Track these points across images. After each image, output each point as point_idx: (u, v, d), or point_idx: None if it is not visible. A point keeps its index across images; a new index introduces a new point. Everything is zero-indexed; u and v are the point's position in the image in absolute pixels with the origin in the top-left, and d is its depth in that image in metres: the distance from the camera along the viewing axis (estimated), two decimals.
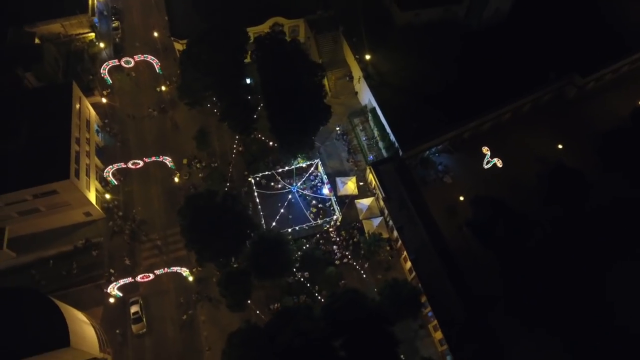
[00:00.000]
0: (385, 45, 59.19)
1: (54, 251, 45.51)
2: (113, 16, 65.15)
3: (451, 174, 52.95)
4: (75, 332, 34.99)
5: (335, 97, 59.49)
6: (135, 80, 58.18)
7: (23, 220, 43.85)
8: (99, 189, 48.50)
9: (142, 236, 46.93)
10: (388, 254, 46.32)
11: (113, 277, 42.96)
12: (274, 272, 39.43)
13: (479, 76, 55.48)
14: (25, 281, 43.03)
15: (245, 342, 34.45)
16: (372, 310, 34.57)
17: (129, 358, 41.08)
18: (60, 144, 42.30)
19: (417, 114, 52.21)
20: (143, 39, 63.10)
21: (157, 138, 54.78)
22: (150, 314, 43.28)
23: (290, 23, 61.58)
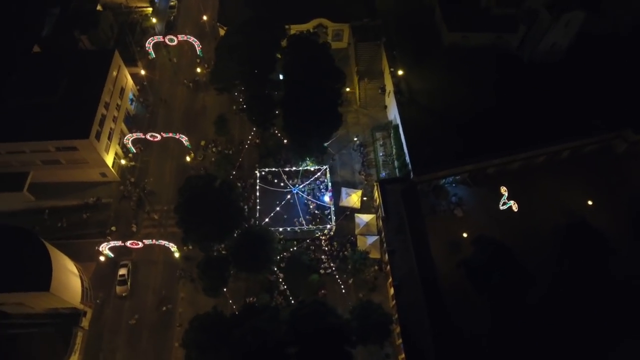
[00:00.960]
0: (425, 63, 58.11)
1: (68, 202, 49.54)
2: None
3: (464, 207, 51.02)
4: (58, 279, 38.08)
5: (364, 108, 59.37)
6: (176, 57, 61.46)
7: (45, 169, 48.21)
8: (119, 154, 52.09)
9: (147, 205, 49.71)
10: (375, 274, 45.65)
11: (109, 237, 45.99)
12: (251, 267, 40.33)
13: (518, 111, 52.97)
14: (36, 224, 47.23)
15: (205, 327, 35.72)
16: (334, 327, 34.39)
17: (106, 316, 43.89)
18: (88, 106, 45.93)
19: (440, 140, 50.86)
20: (194, 21, 66.57)
21: (184, 116, 57.73)
22: (136, 280, 45.94)
23: (335, 26, 62.20)
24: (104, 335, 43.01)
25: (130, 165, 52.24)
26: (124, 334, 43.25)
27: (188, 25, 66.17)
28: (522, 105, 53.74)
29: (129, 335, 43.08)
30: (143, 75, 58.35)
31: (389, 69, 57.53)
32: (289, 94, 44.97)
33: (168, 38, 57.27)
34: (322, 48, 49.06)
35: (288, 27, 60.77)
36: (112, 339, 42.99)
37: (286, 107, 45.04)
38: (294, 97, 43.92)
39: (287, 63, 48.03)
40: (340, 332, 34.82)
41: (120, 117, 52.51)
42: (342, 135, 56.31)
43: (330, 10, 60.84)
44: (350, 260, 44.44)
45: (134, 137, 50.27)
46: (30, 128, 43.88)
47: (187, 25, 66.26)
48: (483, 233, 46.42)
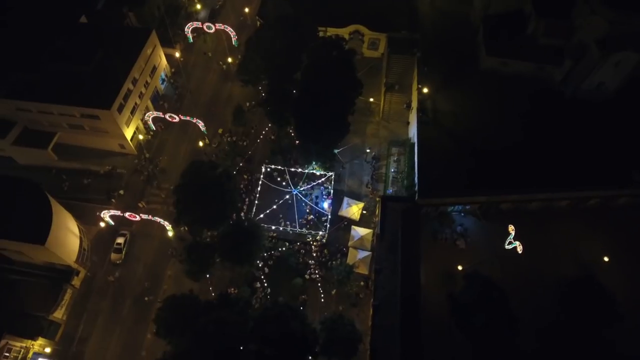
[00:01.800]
0: (456, 84, 56.57)
1: (85, 167, 53.00)
2: None
3: (468, 239, 49.30)
4: (56, 236, 40.90)
5: (386, 120, 58.80)
6: (212, 45, 63.80)
7: (70, 133, 51.89)
8: (140, 129, 54.93)
9: (155, 182, 52.10)
10: (358, 290, 45.19)
11: (113, 200, 48.70)
12: (235, 258, 41.23)
13: (548, 148, 50.22)
14: (52, 182, 50.93)
15: (176, 307, 37.02)
16: (296, 333, 34.51)
17: (97, 278, 46.54)
18: (116, 79, 48.81)
19: (455, 165, 49.36)
20: (238, 12, 68.69)
21: (209, 102, 59.86)
22: (131, 251, 48.35)
23: (372, 35, 61.97)
24: (91, 297, 45.65)
25: (148, 141, 54.79)
26: (110, 299, 45.68)
27: (231, 16, 68.40)
28: (555, 142, 50.92)
29: (113, 302, 45.46)
30: (178, 58, 61.02)
31: (417, 85, 56.59)
32: (302, 95, 45.40)
33: (206, 25, 59.52)
34: (346, 55, 49.08)
35: (324, 29, 61.59)
36: (98, 301, 45.53)
37: (297, 107, 45.51)
38: (306, 99, 44.27)
39: (308, 64, 48.44)
40: (303, 340, 34.80)
41: (147, 95, 55.32)
42: (358, 144, 56.11)
43: (370, 18, 60.63)
44: (335, 271, 44.23)
45: (154, 116, 52.82)
46: (61, 92, 47.31)
47: (230, 15, 68.52)
48: (480, 270, 44.48)
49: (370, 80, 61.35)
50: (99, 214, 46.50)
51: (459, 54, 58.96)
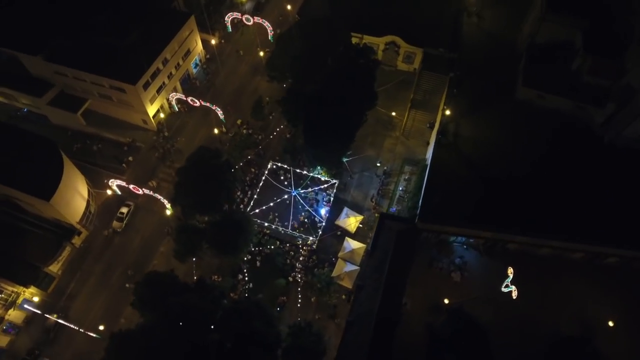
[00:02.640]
0: (485, 111, 54.46)
1: (108, 135, 56.27)
2: None
3: (465, 273, 47.43)
4: (62, 195, 43.85)
5: (405, 137, 57.81)
6: (248, 38, 65.58)
7: (100, 102, 55.35)
8: (165, 108, 57.56)
9: (168, 161, 54.39)
10: (338, 302, 44.83)
11: (124, 165, 51.70)
12: (220, 248, 42.26)
13: (574, 193, 47.09)
14: (75, 144, 54.63)
15: (154, 283, 38.55)
16: (257, 333, 34.87)
17: (96, 242, 49.37)
18: (147, 57, 51.45)
19: (465, 194, 47.57)
20: (281, 8, 70.08)
21: (235, 92, 61.59)
22: (132, 222, 50.83)
23: (408, 48, 61.16)
24: (87, 258, 48.49)
25: (170, 121, 57.30)
26: (103, 263, 48.31)
27: (275, 11, 69.88)
28: (581, 188, 47.80)
29: (106, 267, 48.05)
30: (214, 45, 63.27)
31: (443, 106, 55.17)
32: (314, 98, 45.63)
33: (245, 17, 61.31)
34: (370, 64, 48.80)
35: (361, 36, 61.56)
36: (93, 264, 48.28)
37: (307, 109, 45.81)
38: (318, 102, 44.49)
39: (330, 69, 48.59)
40: (262, 340, 35.09)
41: (177, 76, 57.82)
42: (371, 156, 55.62)
43: (409, 31, 59.80)
44: (317, 278, 44.17)
45: (177, 97, 55.15)
46: (95, 62, 50.54)
47: (274, 10, 70.03)
48: (468, 307, 42.81)
49: (398, 93, 60.80)
50: (106, 182, 49.22)
51: (495, 81, 56.67)
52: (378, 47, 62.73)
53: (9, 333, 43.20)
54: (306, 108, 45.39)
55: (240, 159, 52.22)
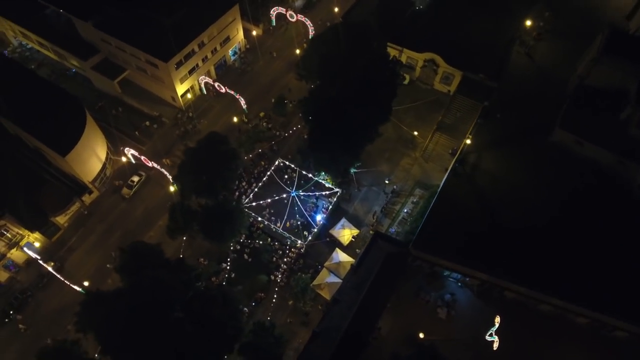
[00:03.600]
0: (513, 148, 52.03)
1: (139, 106, 59.86)
2: None
3: (452, 312, 45.78)
4: (79, 154, 47.39)
5: (424, 159, 56.48)
6: (290, 34, 66.91)
7: (137, 73, 59.00)
8: (195, 89, 60.25)
9: (187, 140, 56.92)
10: (313, 310, 44.84)
11: (144, 146, 54.33)
12: (208, 233, 43.69)
13: (590, 253, 43.98)
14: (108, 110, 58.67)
15: (137, 252, 40.65)
16: (215, 322, 35.76)
17: (104, 203, 52.77)
18: (184, 38, 54.14)
19: (469, 230, 45.87)
20: (329, 10, 70.81)
21: (266, 85, 63.07)
22: (141, 191, 53.77)
23: (447, 69, 59.62)
24: (92, 218, 51.94)
25: (197, 102, 59.92)
26: (105, 225, 51.52)
27: (323, 11, 70.75)
28: (603, 249, 44.44)
29: (107, 229, 51.22)
30: (255, 36, 65.25)
31: (468, 135, 53.32)
32: (326, 104, 45.78)
33: (289, 13, 62.64)
34: (394, 78, 48.25)
35: (400, 49, 60.90)
36: (96, 223, 51.67)
37: (317, 113, 46.08)
38: (329, 108, 44.66)
39: (351, 76, 48.45)
40: (220, 330, 35.94)
41: (212, 61, 60.28)
42: (383, 172, 54.94)
43: (451, 51, 58.22)
44: (294, 282, 44.43)
45: (205, 81, 57.53)
46: (137, 35, 53.86)
47: (322, 11, 70.91)
48: (443, 348, 41.11)
49: (428, 114, 59.53)
50: (122, 149, 52.44)
51: (531, 117, 53.99)
52: (417, 63, 61.75)
53: (9, 270, 47.30)
54: (315, 111, 45.67)
55: (251, 150, 53.45)
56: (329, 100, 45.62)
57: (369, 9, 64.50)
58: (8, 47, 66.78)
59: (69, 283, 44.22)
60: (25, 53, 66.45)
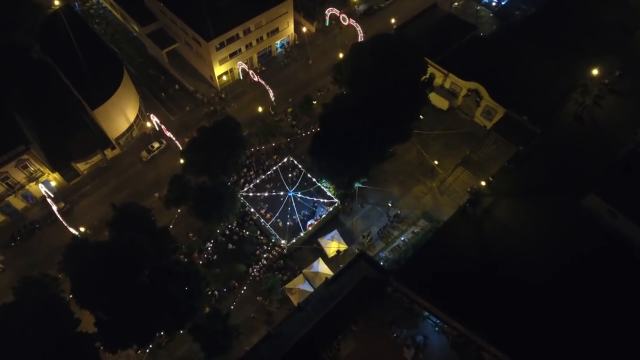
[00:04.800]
0: (536, 201, 48.84)
1: (180, 78, 63.99)
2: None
3: (420, 355, 44.09)
4: (107, 111, 52.08)
5: (440, 192, 54.80)
6: (341, 38, 67.72)
7: (184, 47, 63.13)
8: (234, 73, 63.19)
9: (213, 119, 59.74)
10: (277, 312, 45.51)
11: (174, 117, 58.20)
12: (197, 211, 45.91)
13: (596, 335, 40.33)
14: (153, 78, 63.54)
15: (130, 212, 43.81)
16: (169, 296, 37.67)
17: (122, 161, 57.20)
18: (230, 22, 57.00)
19: (460, 274, 43.92)
20: (387, 20, 70.62)
21: (303, 83, 64.36)
22: (157, 157, 57.54)
23: (491, 103, 57.27)
24: (109, 172, 56.54)
25: (232, 86, 62.81)
26: (119, 181, 55.85)
27: (382, 21, 70.72)
28: (608, 332, 40.53)
29: (118, 185, 55.52)
30: (305, 33, 66.90)
31: (491, 177, 50.87)
32: (339, 113, 45.95)
33: (342, 16, 63.50)
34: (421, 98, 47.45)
35: (446, 72, 59.45)
36: (111, 178, 56.18)
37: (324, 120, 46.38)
38: (339, 118, 44.87)
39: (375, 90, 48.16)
40: (174, 306, 37.81)
41: (256, 48, 62.80)
42: (392, 194, 54.10)
43: (501, 86, 55.82)
44: (264, 280, 45.34)
45: (242, 67, 60.11)
46: (190, 12, 57.48)
47: (382, 20, 70.91)
48: None
49: (459, 144, 57.70)
50: (149, 114, 56.47)
51: (566, 174, 50.06)
52: (460, 90, 59.88)
53: (27, 201, 53.02)
54: (323, 117, 46.12)
55: (267, 142, 55.12)
56: (344, 109, 45.79)
57: (426, 25, 63.34)
58: (87, 2, 74.16)
59: (67, 225, 48.48)
60: (99, 11, 73.54)
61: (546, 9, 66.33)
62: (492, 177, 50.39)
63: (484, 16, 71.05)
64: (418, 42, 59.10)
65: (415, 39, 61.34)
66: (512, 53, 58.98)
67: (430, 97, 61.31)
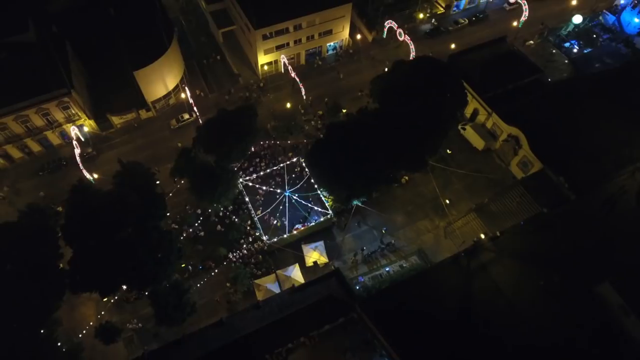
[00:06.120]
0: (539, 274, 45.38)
1: (229, 59, 68.14)
2: (477, 15, 73.23)
3: None
4: (147, 75, 57.25)
5: (445, 233, 53.11)
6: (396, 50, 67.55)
7: (239, 31, 66.98)
8: (278, 65, 65.79)
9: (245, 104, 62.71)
10: (238, 302, 47.23)
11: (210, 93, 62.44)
12: (193, 187, 48.87)
13: None
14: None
15: (134, 170, 47.87)
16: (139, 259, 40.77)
17: (153, 124, 62.20)
18: (283, 14, 59.44)
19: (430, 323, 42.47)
20: (447, 43, 69.12)
21: (345, 89, 65.25)
22: (184, 128, 61.63)
23: (529, 154, 54.23)
24: (138, 131, 61.76)
25: (273, 77, 65.44)
26: (144, 142, 60.79)
27: (442, 45, 69.41)
28: None
29: (143, 144, 60.46)
30: (359, 40, 67.68)
31: (498, 233, 48.12)
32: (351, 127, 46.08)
33: (399, 31, 63.33)
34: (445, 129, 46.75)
35: (490, 112, 57.32)
36: (138, 137, 61.33)
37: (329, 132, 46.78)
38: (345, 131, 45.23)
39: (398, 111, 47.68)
40: (139, 268, 40.89)
41: (305, 46, 64.81)
42: (395, 223, 53.36)
43: (546, 139, 52.94)
44: (234, 267, 47.19)
45: (284, 60, 62.37)
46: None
47: (443, 44, 69.61)
48: None
49: (481, 189, 55.90)
50: (184, 86, 60.72)
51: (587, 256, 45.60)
52: (501, 133, 57.23)
53: (63, 139, 59.74)
54: (330, 125, 46.71)
55: (284, 138, 56.98)
56: (355, 122, 46.13)
57: (486, 58, 60.82)
58: None
59: (83, 168, 53.85)
60: None
61: (631, 67, 60.97)
62: (501, 232, 47.57)
63: (557, 61, 67.02)
64: (468, 73, 57.28)
65: (467, 69, 59.45)
66: (573, 106, 55.07)
67: (467, 133, 59.72)
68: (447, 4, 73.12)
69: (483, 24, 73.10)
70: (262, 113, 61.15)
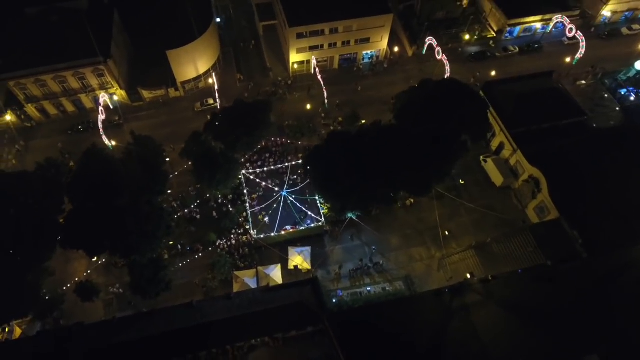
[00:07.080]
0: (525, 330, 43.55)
1: (265, 51, 70.30)
2: (531, 45, 71.31)
3: None
4: (179, 56, 60.59)
5: (438, 265, 52.10)
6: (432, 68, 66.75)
7: (279, 26, 68.96)
8: (310, 65, 67.08)
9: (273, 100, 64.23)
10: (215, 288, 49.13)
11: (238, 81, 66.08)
12: (195, 169, 51.25)
13: None
14: None
15: (142, 144, 50.99)
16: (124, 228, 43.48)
17: (179, 103, 65.69)
18: (319, 17, 60.75)
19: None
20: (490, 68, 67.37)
21: (372, 99, 65.48)
22: (207, 112, 64.13)
23: (547, 200, 52.04)
24: (164, 108, 65.44)
25: (302, 76, 66.86)
26: (168, 119, 64.35)
27: (484, 70, 67.86)
28: None
29: (166, 121, 63.97)
30: (396, 52, 67.59)
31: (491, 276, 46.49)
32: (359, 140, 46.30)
33: (438, 49, 62.64)
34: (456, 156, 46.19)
35: (516, 148, 55.64)
36: (163, 114, 65.05)
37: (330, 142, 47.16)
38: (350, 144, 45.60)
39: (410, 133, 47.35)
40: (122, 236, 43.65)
41: (339, 50, 65.80)
42: (390, 244, 53.04)
43: (569, 190, 50.60)
44: (216, 255, 49.00)
45: (315, 62, 63.50)
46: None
47: (485, 69, 68.05)
48: None
49: (488, 227, 54.21)
50: (212, 72, 63.51)
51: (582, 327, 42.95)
52: (523, 172, 55.14)
53: (95, 104, 64.53)
54: (331, 133, 47.15)
55: (297, 139, 58.23)
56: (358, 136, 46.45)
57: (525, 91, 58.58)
58: None
59: (103, 134, 57.91)
60: None
61: None
62: (493, 276, 45.88)
63: (607, 107, 63.35)
64: (502, 104, 55.72)
65: (502, 99, 57.78)
66: (610, 157, 51.78)
67: (487, 166, 58.01)
68: (499, 28, 71.13)
69: (535, 55, 70.53)
70: (283, 110, 62.91)
